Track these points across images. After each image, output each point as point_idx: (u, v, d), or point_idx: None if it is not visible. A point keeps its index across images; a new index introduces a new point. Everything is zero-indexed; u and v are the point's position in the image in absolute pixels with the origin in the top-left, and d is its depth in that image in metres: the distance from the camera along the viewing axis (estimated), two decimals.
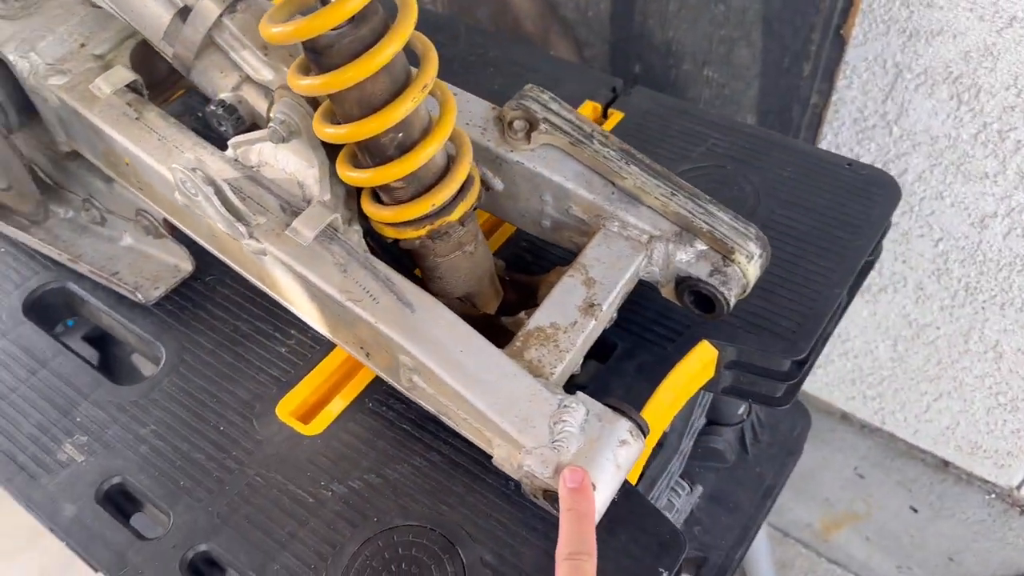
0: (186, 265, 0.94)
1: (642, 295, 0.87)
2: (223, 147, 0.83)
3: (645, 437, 0.71)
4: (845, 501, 1.96)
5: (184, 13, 0.78)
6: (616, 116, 1.11)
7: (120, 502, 0.82)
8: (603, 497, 0.67)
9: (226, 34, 0.78)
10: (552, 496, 0.68)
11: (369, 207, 0.78)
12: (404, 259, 0.85)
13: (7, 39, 0.85)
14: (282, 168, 0.80)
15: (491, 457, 0.72)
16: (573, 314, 0.76)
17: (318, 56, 0.66)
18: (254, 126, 0.83)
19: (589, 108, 1.13)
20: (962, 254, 1.53)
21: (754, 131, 1.07)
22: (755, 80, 1.48)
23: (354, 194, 0.81)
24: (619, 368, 0.86)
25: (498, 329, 0.83)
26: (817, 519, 1.97)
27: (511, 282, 0.89)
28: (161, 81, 0.94)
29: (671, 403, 0.85)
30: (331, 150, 0.79)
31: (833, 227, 0.95)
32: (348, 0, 0.62)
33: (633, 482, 0.83)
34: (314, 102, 0.77)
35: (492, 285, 0.87)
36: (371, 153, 0.73)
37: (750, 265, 0.79)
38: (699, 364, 0.86)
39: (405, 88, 0.69)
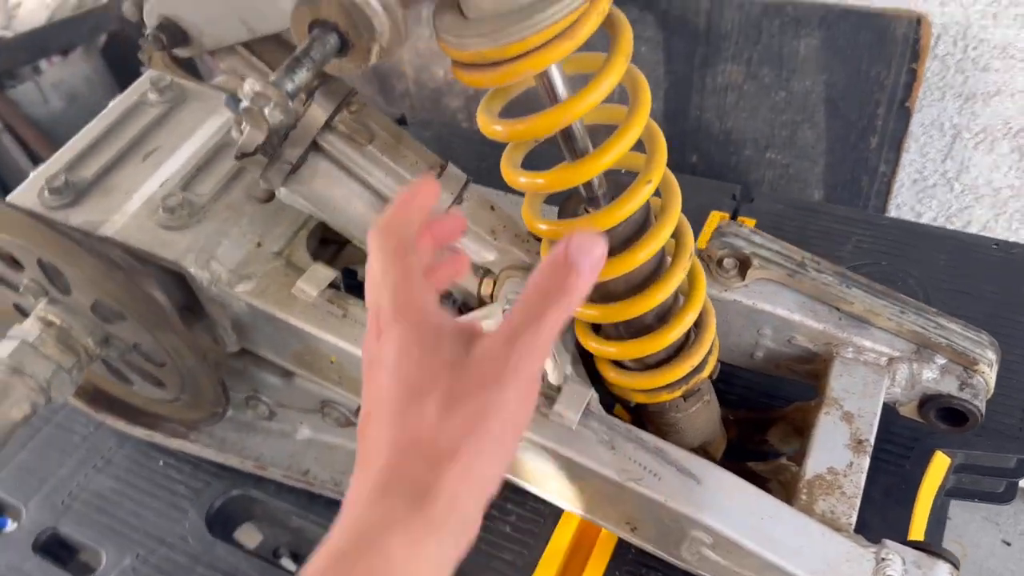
0: None
1: None
2: None
3: (959, 571, 0.69)
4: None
5: None
6: (748, 223, 1.11)
7: None
8: None
9: None
10: None
11: (613, 374, 0.75)
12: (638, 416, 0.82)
13: (184, 251, 0.80)
14: None
15: None
16: (845, 454, 0.74)
17: None
18: (464, 306, 0.80)
19: (717, 218, 1.13)
20: None
21: (890, 221, 1.09)
22: (821, 157, 1.51)
23: (579, 360, 0.79)
24: (868, 496, 0.83)
25: (747, 475, 0.80)
26: None
27: (734, 421, 0.87)
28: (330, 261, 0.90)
29: (925, 520, 0.83)
30: None
31: (1009, 311, 0.96)
32: (627, 202, 0.60)
33: None
34: None
35: (722, 429, 0.84)
36: (627, 324, 0.71)
37: (991, 372, 0.78)
38: (939, 476, 0.85)
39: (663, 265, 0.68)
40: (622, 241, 0.65)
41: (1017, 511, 1.98)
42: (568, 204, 0.68)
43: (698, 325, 0.74)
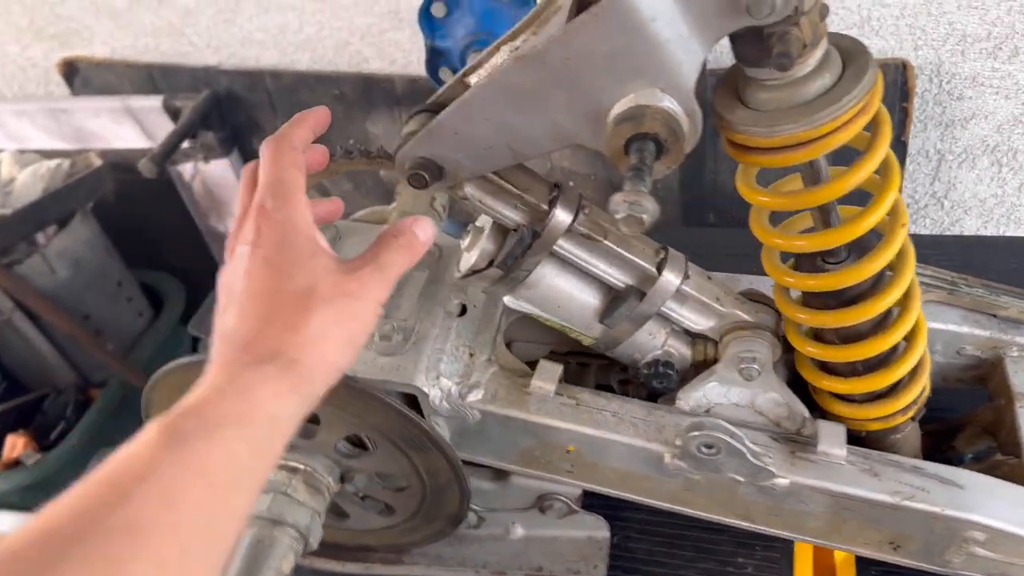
0: (602, 532, 0.92)
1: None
2: None
3: None
4: None
5: (632, 293, 0.79)
6: None
7: None
8: None
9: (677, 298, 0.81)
10: None
11: (846, 409, 0.82)
12: None
13: (413, 373, 0.82)
14: (734, 402, 0.83)
15: None
16: None
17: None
18: (676, 372, 0.85)
19: None
20: None
21: (952, 239, 1.22)
22: None
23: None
24: None
25: None
26: None
27: (924, 433, 0.95)
28: None
29: None
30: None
31: None
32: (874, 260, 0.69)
33: None
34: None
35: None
36: (866, 361, 0.78)
37: None
38: None
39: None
40: (871, 286, 0.73)
41: None
42: (805, 258, 0.75)
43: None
